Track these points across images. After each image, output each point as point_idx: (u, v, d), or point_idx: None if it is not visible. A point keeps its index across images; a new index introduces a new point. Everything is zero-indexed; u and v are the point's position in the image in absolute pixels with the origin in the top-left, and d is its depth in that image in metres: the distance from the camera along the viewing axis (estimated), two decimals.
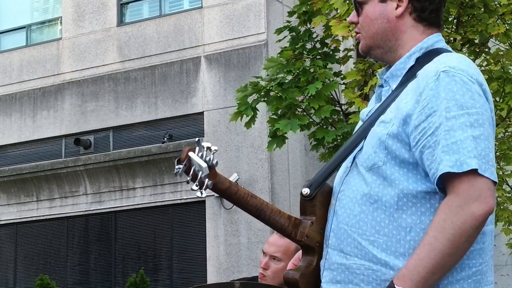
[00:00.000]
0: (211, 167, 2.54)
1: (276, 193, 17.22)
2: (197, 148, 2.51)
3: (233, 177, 3.23)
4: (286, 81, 7.84)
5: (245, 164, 16.65)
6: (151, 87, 19.16)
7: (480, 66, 7.29)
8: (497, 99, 6.92)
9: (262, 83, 8.08)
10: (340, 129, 7.72)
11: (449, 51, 2.66)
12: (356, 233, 2.60)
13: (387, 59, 2.80)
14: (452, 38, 6.92)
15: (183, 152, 2.56)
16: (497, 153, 7.15)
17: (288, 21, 8.35)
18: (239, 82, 11.08)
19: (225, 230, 17.84)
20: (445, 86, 2.45)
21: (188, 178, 2.53)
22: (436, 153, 2.38)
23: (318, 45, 8.37)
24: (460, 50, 6.93)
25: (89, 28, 20.19)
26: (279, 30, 8.72)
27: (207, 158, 2.51)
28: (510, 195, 7.94)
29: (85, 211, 19.71)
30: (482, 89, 2.51)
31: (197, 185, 2.50)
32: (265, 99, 8.00)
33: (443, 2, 2.75)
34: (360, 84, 7.30)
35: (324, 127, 7.99)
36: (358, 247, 2.59)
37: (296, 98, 7.72)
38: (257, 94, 8.10)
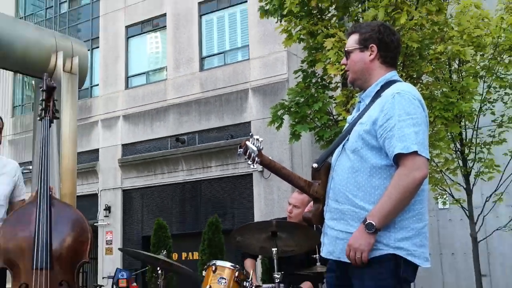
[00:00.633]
0: (259, 150, 2.77)
1: (294, 169, 17.17)
2: (251, 139, 2.81)
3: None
4: (300, 102, 7.87)
5: (276, 152, 16.52)
6: (220, 107, 19.13)
7: (420, 91, 7.42)
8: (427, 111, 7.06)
9: (286, 103, 8.18)
10: (333, 130, 7.72)
11: (401, 81, 2.86)
12: (345, 190, 2.76)
13: (363, 86, 2.92)
14: (399, 74, 7.05)
15: (242, 142, 2.83)
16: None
17: (301, 66, 8.27)
18: (272, 102, 11.22)
19: (264, 190, 17.82)
20: (398, 102, 2.64)
21: (245, 157, 2.79)
22: (392, 141, 2.58)
23: (319, 80, 8.29)
24: (405, 81, 7.09)
25: (182, 72, 20.13)
26: (295, 72, 8.64)
27: (257, 145, 2.77)
28: (435, 168, 8.00)
29: (182, 180, 19.70)
30: (420, 103, 2.69)
31: (251, 161, 2.80)
32: (288, 112, 7.96)
33: (398, 53, 2.95)
34: (344, 103, 7.36)
35: (323, 128, 7.98)
36: (346, 198, 2.75)
37: (307, 112, 7.77)
38: (283, 110, 8.07)
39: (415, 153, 2.55)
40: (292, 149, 16.90)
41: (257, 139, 2.83)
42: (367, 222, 2.55)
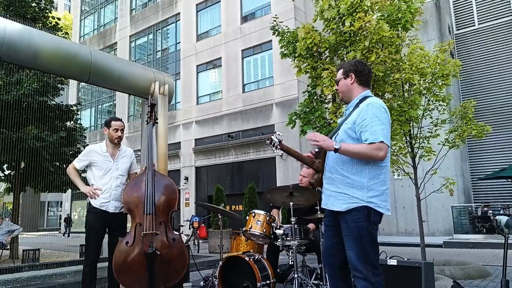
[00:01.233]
0: (279, 141, 2.76)
1: (302, 153, 17.19)
2: (275, 134, 2.80)
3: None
4: (307, 111, 7.79)
5: (290, 143, 16.28)
6: (255, 115, 19.04)
7: None
8: None
9: (297, 111, 8.09)
10: (327, 129, 7.59)
11: (372, 96, 2.81)
12: (335, 165, 2.76)
13: (348, 101, 2.87)
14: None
15: (269, 136, 2.83)
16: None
17: (307, 89, 8.13)
18: (288, 112, 11.25)
19: (283, 167, 17.74)
20: (370, 109, 2.65)
21: (271, 145, 2.78)
22: (366, 134, 2.59)
23: (318, 97, 8.14)
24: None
25: (231, 94, 20.10)
26: (303, 92, 8.49)
27: (278, 138, 2.77)
28: (392, 152, 7.92)
29: (231, 161, 19.73)
30: (385, 110, 2.68)
31: (274, 148, 2.78)
32: (299, 118, 7.92)
33: (370, 77, 2.88)
34: (334, 111, 7.26)
35: (321, 128, 7.82)
36: (336, 170, 2.75)
37: (311, 117, 7.69)
38: (295, 116, 8.01)
39: (381, 141, 2.55)
40: (300, 142, 16.81)
41: (279, 134, 2.85)
42: (340, 144, 2.62)
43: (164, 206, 3.78)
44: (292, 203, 3.89)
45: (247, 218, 4.53)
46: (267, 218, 4.33)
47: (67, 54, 7.28)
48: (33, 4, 11.98)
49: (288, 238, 3.98)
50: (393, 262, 3.82)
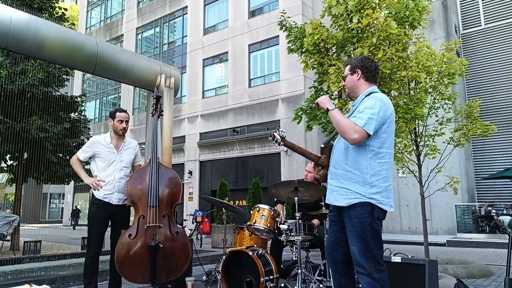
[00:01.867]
0: (282, 137, 2.78)
1: (307, 148, 17.09)
2: (277, 131, 2.82)
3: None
4: (313, 106, 7.75)
5: (295, 139, 16.36)
6: (260, 110, 19.00)
7: None
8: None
9: (304, 107, 8.06)
10: (331, 125, 7.65)
11: (378, 92, 2.79)
12: (339, 160, 2.76)
13: (355, 97, 2.87)
14: None
15: (271, 132, 2.87)
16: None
17: (313, 84, 8.09)
18: (293, 108, 11.18)
19: (287, 163, 17.70)
20: (369, 100, 2.68)
21: (273, 142, 2.83)
22: (355, 119, 2.62)
23: (325, 93, 8.08)
24: None
25: (237, 88, 20.07)
26: (310, 87, 8.40)
27: (281, 134, 2.79)
28: (397, 150, 7.86)
29: (236, 156, 19.68)
30: (384, 103, 2.65)
31: (277, 145, 2.82)
32: (305, 113, 7.91)
33: (376, 73, 2.85)
34: (340, 108, 7.23)
35: (327, 123, 7.81)
36: (339, 165, 2.75)
37: (317, 113, 7.64)
38: (301, 111, 7.99)
39: (362, 128, 2.57)
40: (306, 137, 16.78)
41: (282, 130, 2.87)
42: (333, 107, 2.72)
43: (168, 199, 3.75)
44: (297, 198, 3.86)
45: (251, 212, 4.50)
46: (272, 213, 4.31)
47: (73, 44, 7.28)
48: None
49: (292, 233, 3.94)
50: (397, 259, 3.79)
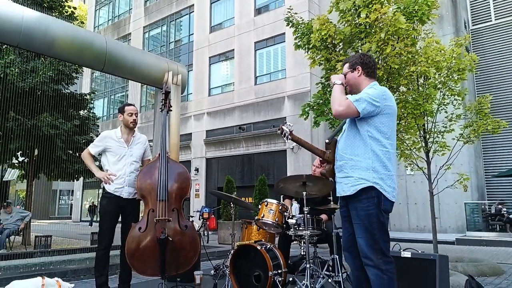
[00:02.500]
0: (290, 131, 2.83)
1: (313, 144, 17.12)
2: (285, 124, 2.85)
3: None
4: (320, 102, 7.71)
5: (301, 136, 16.49)
6: (266, 107, 18.99)
7: (398, 97, 7.21)
8: (402, 110, 6.80)
9: (311, 103, 8.03)
10: (341, 120, 7.65)
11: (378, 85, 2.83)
12: (342, 152, 2.80)
13: (351, 89, 2.90)
14: (385, 85, 6.85)
15: (280, 125, 2.91)
16: (401, 128, 7.08)
17: (320, 80, 8.02)
18: (299, 105, 11.13)
19: (293, 160, 17.71)
20: (370, 88, 2.75)
21: (282, 135, 2.87)
22: (356, 95, 2.69)
23: (332, 90, 8.26)
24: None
25: (243, 86, 20.09)
26: (317, 84, 8.27)
27: (288, 128, 2.81)
28: (406, 147, 7.82)
29: (242, 153, 19.72)
30: (381, 92, 2.69)
31: (285, 138, 2.86)
32: (312, 109, 7.89)
33: (375, 68, 2.88)
34: None
35: (334, 119, 7.83)
36: (342, 157, 2.78)
37: (324, 109, 7.61)
38: (309, 107, 7.94)
39: (353, 102, 2.63)
40: (312, 134, 16.76)
41: (290, 124, 2.91)
42: (339, 82, 2.81)
43: (177, 193, 3.78)
44: (305, 193, 3.86)
45: (259, 207, 4.52)
46: (280, 207, 4.32)
47: (83, 42, 7.34)
48: None
49: (300, 228, 3.95)
50: (407, 254, 3.78)
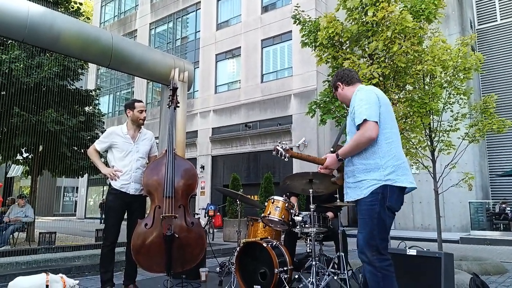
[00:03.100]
0: (285, 150, 2.90)
1: (319, 146, 17.04)
2: (279, 144, 2.93)
3: (302, 140, 2.98)
4: (327, 100, 7.67)
5: (308, 134, 16.39)
6: (273, 105, 18.98)
7: (404, 95, 7.16)
8: (408, 108, 6.78)
9: (318, 101, 7.98)
10: (345, 119, 7.59)
11: (362, 87, 2.87)
12: (352, 158, 2.77)
13: (346, 103, 2.98)
14: (392, 84, 6.83)
15: (274, 147, 3.00)
16: (407, 127, 7.04)
17: (327, 78, 8.01)
18: (306, 103, 11.12)
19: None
20: (357, 95, 2.80)
21: (278, 155, 2.96)
22: (355, 120, 2.66)
23: None
24: (394, 89, 6.71)
25: (250, 83, 20.03)
26: (324, 81, 8.29)
27: (283, 147, 2.87)
28: (411, 145, 7.78)
29: (248, 151, 19.74)
30: (370, 91, 2.74)
31: (283, 157, 2.96)
32: (319, 107, 7.85)
33: (353, 75, 2.96)
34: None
35: (341, 117, 7.77)
36: (351, 162, 2.79)
37: (331, 107, 7.58)
38: (315, 105, 7.91)
39: (365, 120, 2.59)
40: (318, 133, 16.74)
41: (284, 143, 2.96)
42: (338, 153, 2.77)
43: (184, 190, 3.77)
44: (312, 190, 3.84)
45: (265, 204, 4.50)
46: (286, 205, 4.30)
47: (89, 37, 7.33)
48: None
49: (306, 225, 3.94)
50: (412, 252, 3.76)
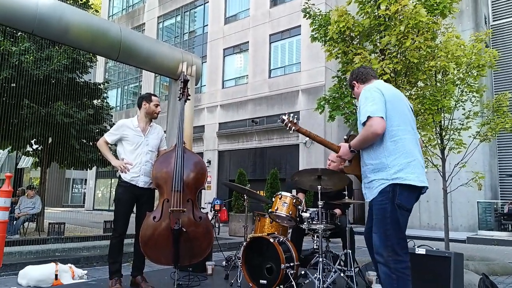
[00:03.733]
0: (291, 121, 2.95)
1: (327, 139, 17.03)
2: (286, 115, 2.98)
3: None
4: (336, 96, 7.63)
5: (317, 129, 16.41)
6: (280, 101, 18.98)
7: (415, 92, 7.12)
8: (419, 106, 6.74)
9: (327, 97, 7.92)
10: (354, 116, 7.57)
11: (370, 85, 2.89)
12: (363, 159, 2.84)
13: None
14: (403, 80, 6.80)
15: (281, 117, 3.06)
16: (417, 124, 7.00)
17: (336, 74, 7.92)
18: (314, 99, 11.05)
19: (306, 155, 17.71)
20: (362, 94, 2.81)
21: (283, 125, 3.04)
22: (361, 117, 2.71)
23: (348, 83, 8.22)
24: (405, 85, 6.69)
25: (257, 79, 20.09)
26: (333, 77, 8.27)
27: (289, 117, 2.88)
28: (423, 144, 7.74)
29: (255, 147, 19.78)
30: (374, 88, 2.76)
31: (287, 128, 3.02)
32: (328, 103, 7.82)
33: (366, 73, 3.02)
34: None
35: (350, 114, 7.72)
36: (364, 163, 2.85)
37: (340, 103, 7.54)
38: (324, 101, 7.89)
39: (369, 117, 2.62)
40: (326, 129, 16.71)
41: (291, 115, 3.09)
42: (350, 146, 2.85)
43: (192, 184, 3.77)
44: (320, 186, 3.83)
45: (273, 199, 4.50)
46: (294, 201, 4.29)
47: (97, 30, 7.36)
48: None
49: (314, 222, 3.92)
50: (421, 251, 3.75)
